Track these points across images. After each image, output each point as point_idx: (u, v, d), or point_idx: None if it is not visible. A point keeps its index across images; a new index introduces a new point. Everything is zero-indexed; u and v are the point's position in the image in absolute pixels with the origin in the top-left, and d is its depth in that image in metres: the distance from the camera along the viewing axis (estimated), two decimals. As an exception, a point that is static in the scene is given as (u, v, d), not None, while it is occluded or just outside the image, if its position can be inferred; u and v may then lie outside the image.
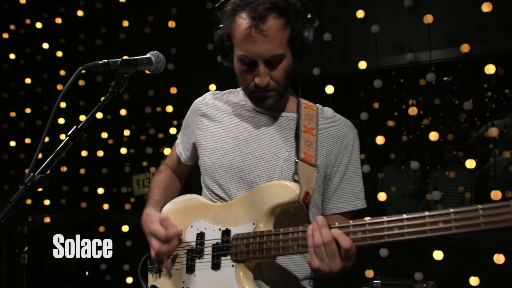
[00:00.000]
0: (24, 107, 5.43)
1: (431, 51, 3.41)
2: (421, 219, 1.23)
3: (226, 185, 1.64)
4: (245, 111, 1.70)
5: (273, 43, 1.47)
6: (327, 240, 1.32)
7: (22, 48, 5.52)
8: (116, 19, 4.81)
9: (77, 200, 5.04)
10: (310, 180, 1.52)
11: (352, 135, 1.65)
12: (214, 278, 1.54)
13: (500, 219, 1.10)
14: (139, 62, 1.51)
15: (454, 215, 1.17)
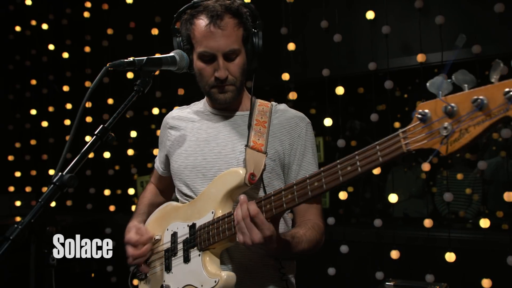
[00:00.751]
0: (30, 108, 5.41)
1: (443, 52, 3.40)
2: (334, 167, 1.28)
3: (192, 183, 1.76)
4: (205, 116, 1.86)
5: (230, 38, 1.64)
6: (245, 214, 1.40)
7: (28, 49, 5.50)
8: (123, 20, 4.80)
9: (83, 201, 5.02)
10: (258, 164, 1.63)
11: (304, 124, 1.77)
12: (187, 271, 1.65)
13: (393, 149, 1.15)
14: (164, 61, 1.54)
15: (358, 156, 1.22)
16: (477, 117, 0.99)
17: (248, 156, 1.64)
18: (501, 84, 0.97)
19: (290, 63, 4.00)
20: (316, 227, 1.67)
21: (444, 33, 3.42)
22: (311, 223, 1.67)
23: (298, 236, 1.56)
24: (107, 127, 1.35)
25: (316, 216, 1.73)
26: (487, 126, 0.99)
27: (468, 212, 4.71)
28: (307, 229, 1.63)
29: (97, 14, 5.05)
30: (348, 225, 4.37)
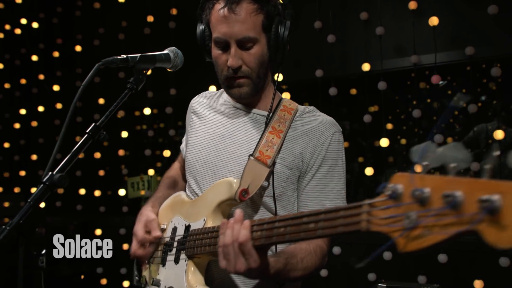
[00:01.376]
0: (19, 108, 5.35)
1: (436, 54, 3.40)
2: (299, 219, 1.17)
3: (201, 180, 1.67)
4: (227, 108, 1.74)
5: (245, 25, 1.51)
6: (234, 238, 1.24)
7: (18, 48, 5.43)
8: (115, 19, 4.76)
9: (73, 202, 4.96)
10: (256, 179, 1.51)
11: (330, 133, 1.61)
12: (174, 272, 1.58)
13: (353, 221, 1.01)
14: (158, 58, 1.50)
15: (324, 215, 1.09)
16: (446, 217, 0.80)
17: (248, 168, 1.53)
18: (478, 183, 0.78)
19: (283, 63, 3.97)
20: (319, 251, 1.50)
21: (437, 34, 3.42)
22: (314, 245, 1.49)
23: (293, 263, 1.39)
24: (99, 125, 1.32)
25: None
26: (452, 235, 0.80)
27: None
28: (307, 254, 1.46)
29: (88, 13, 5.01)
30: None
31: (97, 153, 4.84)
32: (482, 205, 0.74)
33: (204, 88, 1.76)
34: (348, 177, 6.09)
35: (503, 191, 0.74)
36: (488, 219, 0.74)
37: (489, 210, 0.73)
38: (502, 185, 0.74)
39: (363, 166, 3.70)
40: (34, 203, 1.14)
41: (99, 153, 4.85)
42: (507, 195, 0.73)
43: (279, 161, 1.58)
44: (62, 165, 1.22)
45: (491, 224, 0.74)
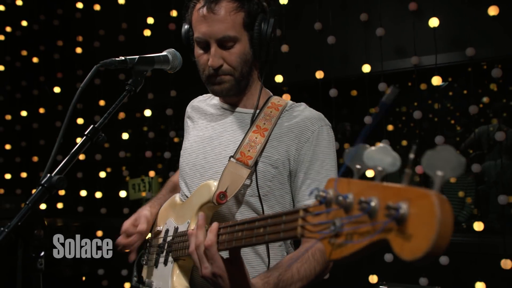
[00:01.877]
0: (20, 109, 5.36)
1: (437, 55, 3.39)
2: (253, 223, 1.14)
3: (190, 182, 1.67)
4: (216, 110, 1.74)
5: (224, 24, 1.51)
6: (197, 242, 1.25)
7: (18, 50, 5.44)
8: (115, 21, 4.76)
9: (74, 204, 4.96)
10: (235, 181, 1.49)
11: (316, 128, 1.57)
12: (164, 273, 1.59)
13: (291, 227, 0.98)
14: (156, 59, 1.50)
15: (270, 220, 1.06)
16: (363, 224, 0.76)
17: (228, 171, 1.51)
18: (390, 190, 0.73)
19: (283, 65, 3.97)
20: (318, 255, 1.43)
21: (438, 35, 3.41)
22: (312, 250, 1.44)
23: (286, 279, 1.34)
24: (97, 127, 1.31)
25: None
26: (366, 244, 0.75)
27: (460, 215, 4.71)
28: (304, 262, 1.40)
29: (88, 15, 5.01)
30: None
31: (98, 155, 4.84)
32: (388, 213, 0.70)
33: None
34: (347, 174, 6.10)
35: (411, 198, 0.69)
36: (397, 228, 0.70)
37: (395, 218, 0.69)
38: (410, 192, 0.70)
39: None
40: (33, 205, 1.13)
41: (100, 154, 4.85)
42: (414, 202, 0.69)
43: (263, 159, 1.54)
44: (61, 167, 1.22)
45: (399, 234, 0.69)
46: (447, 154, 0.69)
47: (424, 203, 0.67)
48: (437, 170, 0.69)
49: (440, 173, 0.68)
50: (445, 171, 0.68)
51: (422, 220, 0.67)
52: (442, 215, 0.65)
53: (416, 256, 0.66)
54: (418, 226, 0.67)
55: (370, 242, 0.74)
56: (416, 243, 0.67)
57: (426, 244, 0.65)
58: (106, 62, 1.36)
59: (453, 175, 0.68)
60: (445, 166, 0.68)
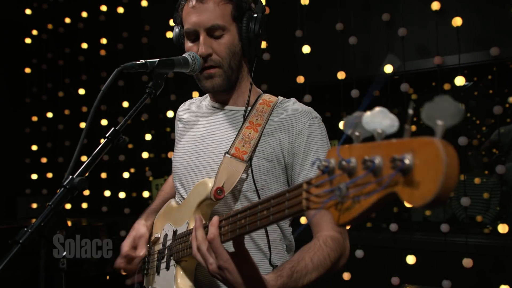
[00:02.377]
0: (46, 111, 5.46)
1: (460, 55, 3.35)
2: (255, 207, 1.13)
3: (185, 183, 1.67)
4: (207, 110, 1.75)
5: (213, 13, 1.54)
6: (199, 240, 1.26)
7: (44, 53, 5.55)
8: (138, 23, 4.82)
9: (98, 204, 5.04)
10: (232, 176, 1.49)
11: (306, 120, 1.57)
12: (167, 278, 1.57)
13: (295, 202, 0.98)
14: (176, 62, 1.50)
15: (273, 200, 1.06)
16: (368, 183, 0.76)
17: (224, 166, 1.51)
18: (392, 144, 0.74)
19: (305, 65, 3.97)
20: (330, 242, 1.43)
21: (461, 35, 3.37)
22: (323, 238, 1.44)
23: (300, 269, 1.32)
24: (118, 129, 1.33)
25: (330, 224, 1.48)
26: (375, 201, 0.76)
27: (486, 217, 4.64)
28: (316, 251, 1.39)
29: (112, 18, 5.08)
30: (364, 229, 4.34)
31: (122, 156, 4.90)
32: (394, 165, 0.71)
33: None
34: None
35: (414, 148, 0.70)
36: (403, 180, 0.71)
37: (401, 170, 0.70)
38: (414, 142, 0.71)
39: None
40: (55, 206, 1.16)
41: (124, 155, 4.92)
42: (418, 152, 0.70)
43: (257, 154, 1.55)
44: (82, 169, 1.24)
45: (406, 185, 0.70)
46: (444, 103, 0.70)
47: (428, 149, 0.68)
48: (437, 120, 0.70)
49: (440, 122, 0.70)
50: (444, 120, 0.69)
51: (428, 166, 0.68)
52: (448, 157, 0.66)
53: (426, 200, 0.67)
54: (424, 172, 0.68)
55: (378, 199, 0.75)
56: (425, 188, 0.67)
57: (435, 187, 0.66)
58: (127, 66, 1.37)
59: (453, 123, 0.69)
60: (444, 115, 0.70)
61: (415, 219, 5.26)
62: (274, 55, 4.11)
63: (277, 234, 1.61)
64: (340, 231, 1.50)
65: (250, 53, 1.63)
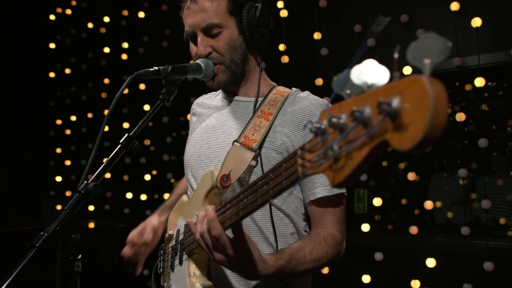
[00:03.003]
0: (70, 114, 5.57)
1: (480, 55, 3.31)
2: (255, 185, 1.13)
3: (196, 174, 1.67)
4: (219, 102, 1.76)
5: (207, 13, 1.54)
6: (200, 230, 1.27)
7: (68, 57, 5.66)
8: (158, 27, 4.88)
9: (120, 206, 5.11)
10: (239, 164, 1.48)
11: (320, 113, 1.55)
12: (180, 273, 1.57)
13: (292, 171, 0.95)
14: (189, 68, 1.52)
15: (271, 174, 1.05)
16: (359, 136, 0.73)
17: (231, 154, 1.51)
18: (379, 91, 0.71)
19: (324, 67, 3.97)
20: (330, 240, 1.46)
21: (481, 35, 3.33)
22: (324, 234, 1.47)
23: (298, 257, 1.37)
24: (132, 135, 1.36)
25: (332, 223, 1.52)
26: (367, 153, 0.72)
27: (509, 219, 4.56)
28: (316, 245, 1.43)
29: (133, 22, 5.16)
30: (385, 231, 4.31)
31: (143, 158, 4.97)
32: (380, 110, 0.67)
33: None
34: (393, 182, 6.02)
35: (401, 90, 0.66)
36: (392, 126, 0.67)
37: (389, 113, 0.66)
38: (400, 84, 0.67)
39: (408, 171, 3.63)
40: (70, 210, 1.20)
41: (145, 158, 4.98)
42: (405, 93, 0.66)
43: (267, 145, 1.54)
44: (97, 175, 1.27)
45: (396, 130, 0.67)
46: (430, 40, 0.66)
47: (414, 88, 0.64)
48: (424, 59, 0.66)
49: (427, 60, 0.66)
50: (432, 58, 0.66)
51: (415, 105, 0.64)
52: (434, 92, 0.62)
53: (415, 141, 0.63)
54: (412, 112, 0.64)
55: (370, 150, 0.72)
56: (413, 128, 0.64)
57: (422, 125, 0.62)
58: (140, 73, 1.40)
59: (440, 59, 0.65)
60: (430, 53, 0.66)
61: (439, 222, 5.21)
62: (293, 58, 4.11)
63: (289, 228, 1.59)
64: (340, 231, 1.52)
65: (255, 44, 1.62)
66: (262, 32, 1.61)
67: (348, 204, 5.96)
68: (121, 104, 5.06)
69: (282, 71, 3.98)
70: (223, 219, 1.25)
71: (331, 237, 1.48)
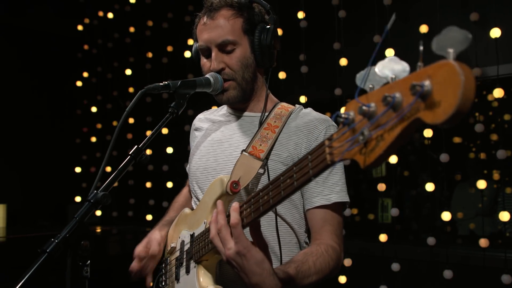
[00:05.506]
0: (96, 122, 5.71)
1: (498, 66, 3.29)
2: (278, 180, 1.19)
3: (202, 186, 1.70)
4: (224, 117, 1.80)
5: (223, 30, 1.59)
6: (220, 226, 1.30)
7: (94, 66, 5.81)
8: (182, 37, 4.97)
9: (143, 212, 5.20)
10: (248, 172, 1.52)
11: (323, 127, 1.62)
12: (188, 281, 1.58)
13: (319, 160, 1.02)
14: (198, 83, 1.56)
15: (295, 167, 1.12)
16: (390, 119, 0.81)
17: (240, 163, 1.55)
18: (409, 77, 0.80)
19: (343, 78, 3.99)
20: (331, 251, 1.50)
21: (500, 46, 3.31)
22: (324, 246, 1.51)
23: (304, 270, 1.41)
24: (141, 147, 1.42)
25: (330, 234, 1.55)
26: (399, 132, 0.80)
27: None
28: (318, 256, 1.46)
29: (157, 32, 5.27)
30: (405, 242, 4.29)
31: (165, 166, 5.05)
32: (413, 92, 0.76)
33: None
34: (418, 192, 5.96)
35: (430, 74, 0.75)
36: (424, 105, 0.76)
37: (421, 94, 0.75)
38: (429, 70, 0.76)
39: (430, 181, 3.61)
40: (80, 218, 1.25)
41: (167, 165, 5.06)
42: (434, 76, 0.75)
43: (273, 157, 1.59)
44: (106, 184, 1.33)
45: (427, 108, 0.75)
46: (451, 33, 0.76)
47: (444, 69, 0.74)
48: (448, 48, 0.75)
49: (451, 49, 0.75)
50: (455, 47, 0.75)
51: (446, 84, 0.73)
52: (464, 72, 0.71)
53: (448, 114, 0.72)
54: (443, 90, 0.73)
55: (402, 129, 0.80)
56: (446, 103, 0.72)
57: (455, 99, 0.71)
58: (150, 87, 1.46)
59: (463, 48, 0.75)
60: (453, 43, 0.75)
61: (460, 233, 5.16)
62: (312, 68, 4.15)
63: (292, 237, 1.64)
64: (338, 243, 1.56)
65: (264, 64, 1.67)
66: (272, 53, 1.67)
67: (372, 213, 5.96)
68: (145, 112, 5.17)
69: (302, 81, 4.01)
70: (241, 217, 1.29)
71: (332, 248, 1.52)
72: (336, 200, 1.58)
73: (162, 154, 5.02)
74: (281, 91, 3.89)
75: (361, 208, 5.85)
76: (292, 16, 4.20)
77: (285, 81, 4.07)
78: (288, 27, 3.94)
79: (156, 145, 4.77)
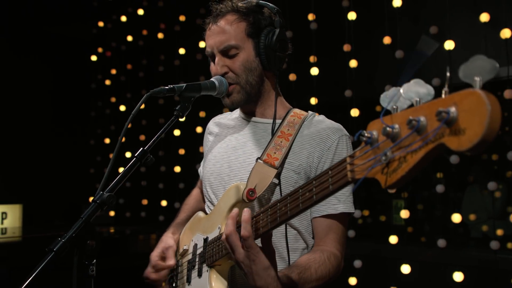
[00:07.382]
0: (109, 124, 5.78)
1: (509, 66, 3.27)
2: (296, 193, 1.22)
3: (216, 191, 1.72)
4: (238, 122, 1.80)
5: (227, 35, 1.60)
6: (227, 232, 1.34)
7: (108, 69, 5.89)
8: (193, 40, 5.01)
9: (155, 213, 5.25)
10: (263, 179, 1.53)
11: (336, 137, 1.62)
12: (200, 284, 1.60)
13: (340, 176, 1.04)
14: (203, 86, 1.57)
15: (314, 181, 1.14)
16: (414, 142, 0.83)
17: (255, 170, 1.56)
18: (435, 102, 0.81)
19: (353, 79, 3.99)
20: (332, 259, 1.53)
21: (510, 47, 3.29)
22: (327, 253, 1.53)
23: (306, 276, 1.43)
24: (146, 150, 1.45)
25: (334, 243, 1.58)
26: (422, 156, 0.82)
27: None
28: (321, 263, 1.49)
29: (169, 35, 5.32)
30: (417, 244, 4.28)
31: (177, 167, 5.09)
32: (440, 117, 0.77)
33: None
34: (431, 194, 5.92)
35: (457, 101, 0.76)
36: (449, 131, 0.77)
37: (447, 121, 0.76)
38: (455, 96, 0.77)
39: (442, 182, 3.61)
40: (86, 219, 1.29)
41: (179, 166, 5.10)
42: (460, 103, 0.76)
43: (286, 166, 1.60)
44: (112, 186, 1.37)
45: (452, 134, 0.77)
46: (479, 61, 0.77)
47: (471, 98, 0.75)
48: (475, 77, 0.76)
49: (478, 78, 0.76)
50: (482, 76, 0.76)
51: (473, 112, 0.74)
52: (491, 102, 0.72)
53: (473, 142, 0.73)
54: (469, 119, 0.74)
55: (425, 153, 0.82)
56: (471, 132, 0.74)
57: (481, 129, 0.72)
58: (155, 91, 1.48)
59: (490, 77, 0.76)
60: (481, 72, 0.76)
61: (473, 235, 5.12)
62: (323, 70, 4.16)
63: (300, 243, 1.66)
64: (341, 251, 1.58)
65: (271, 67, 1.66)
66: (278, 56, 1.65)
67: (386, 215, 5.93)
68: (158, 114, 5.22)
69: (312, 83, 4.03)
70: (257, 227, 1.33)
71: (333, 256, 1.54)
72: (343, 211, 1.59)
73: (175, 156, 5.06)
74: (291, 92, 3.91)
75: (373, 210, 5.84)
76: (303, 18, 4.22)
77: (296, 83, 4.09)
78: (299, 29, 3.96)
79: (169, 146, 4.83)
